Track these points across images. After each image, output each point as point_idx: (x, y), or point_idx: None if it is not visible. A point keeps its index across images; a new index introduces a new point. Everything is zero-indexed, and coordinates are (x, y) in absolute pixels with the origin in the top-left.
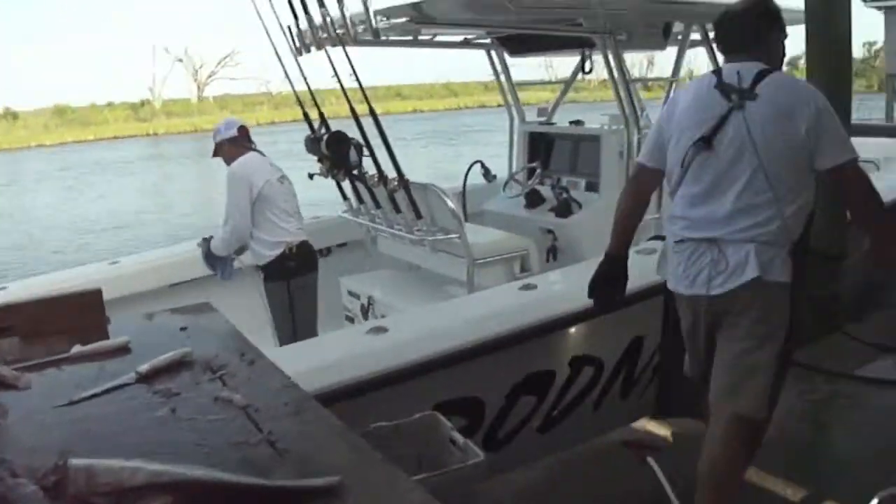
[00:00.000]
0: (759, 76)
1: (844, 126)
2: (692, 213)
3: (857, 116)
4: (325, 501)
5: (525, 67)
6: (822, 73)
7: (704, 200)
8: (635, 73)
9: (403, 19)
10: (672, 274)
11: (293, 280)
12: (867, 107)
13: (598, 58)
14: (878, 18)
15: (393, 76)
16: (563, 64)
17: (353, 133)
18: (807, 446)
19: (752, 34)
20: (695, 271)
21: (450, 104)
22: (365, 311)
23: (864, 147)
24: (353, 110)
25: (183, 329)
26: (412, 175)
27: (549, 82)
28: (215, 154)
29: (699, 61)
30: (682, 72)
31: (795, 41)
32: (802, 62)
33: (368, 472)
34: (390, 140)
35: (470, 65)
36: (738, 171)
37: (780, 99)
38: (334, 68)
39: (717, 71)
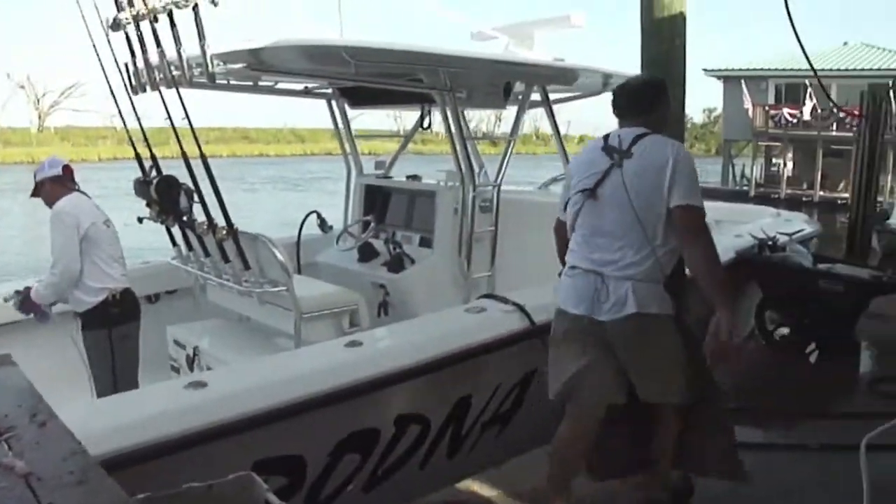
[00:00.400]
0: (636, 139)
1: None
2: (583, 249)
3: None
4: None
5: (373, 116)
6: None
7: (592, 240)
8: (483, 127)
9: (241, 65)
10: (563, 294)
11: (115, 329)
12: (705, 171)
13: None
14: (717, 86)
15: (241, 118)
16: (411, 115)
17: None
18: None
19: (638, 105)
20: (582, 295)
21: (296, 150)
22: (191, 362)
23: None
24: (184, 154)
25: None
26: (259, 220)
27: (391, 134)
28: (35, 193)
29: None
30: (528, 128)
31: None
32: None
33: None
34: (236, 183)
35: (319, 111)
36: (617, 217)
37: (649, 157)
38: (167, 109)
39: (606, 136)
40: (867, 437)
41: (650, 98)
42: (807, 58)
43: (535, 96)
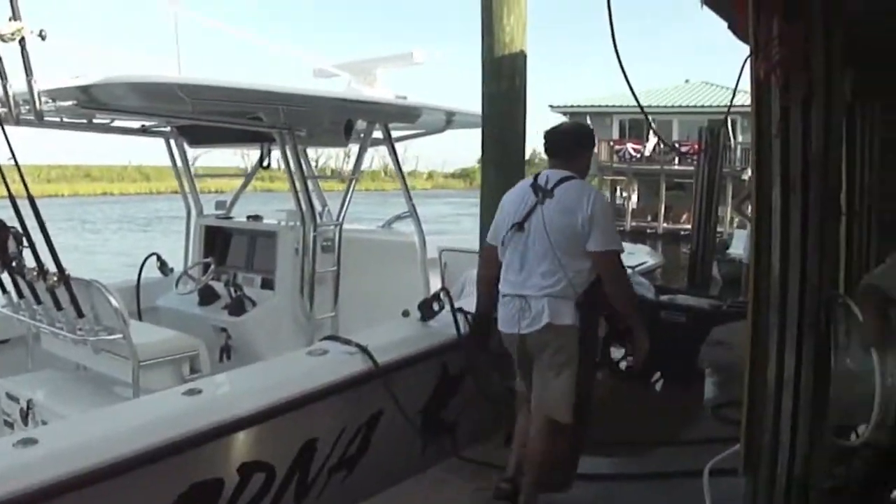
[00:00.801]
0: (559, 181)
1: None
2: (509, 276)
3: None
4: None
5: (222, 153)
6: (497, 172)
7: (517, 268)
8: (332, 163)
9: (70, 102)
10: (500, 318)
11: None
12: None
13: None
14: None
15: (83, 155)
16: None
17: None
18: None
19: (565, 150)
20: (511, 316)
21: (142, 188)
22: (25, 416)
23: None
24: (11, 196)
25: None
26: (104, 262)
27: (234, 174)
28: None
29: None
30: (377, 164)
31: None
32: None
33: None
34: (81, 224)
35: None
36: (537, 248)
37: (567, 200)
38: None
39: (536, 175)
40: (710, 463)
41: (576, 145)
42: (635, 97)
43: (378, 134)
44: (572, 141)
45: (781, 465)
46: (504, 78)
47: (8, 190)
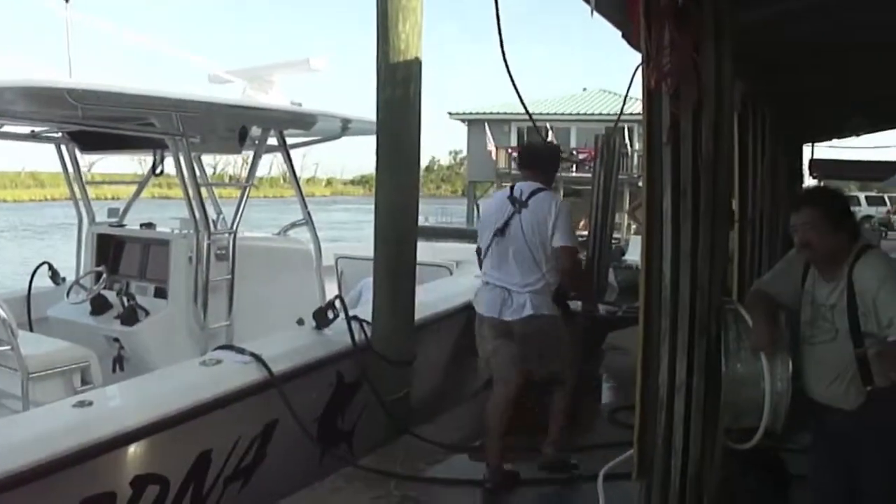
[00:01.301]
0: (532, 193)
1: (416, 229)
2: (492, 272)
3: (442, 220)
4: None
5: (119, 159)
6: (392, 177)
7: (499, 266)
8: (230, 170)
9: None
10: (480, 303)
11: None
12: (451, 211)
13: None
14: (462, 129)
15: None
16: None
17: None
18: None
19: (540, 165)
20: (493, 303)
21: (36, 195)
22: None
23: (442, 252)
24: None
25: None
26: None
27: (129, 181)
28: None
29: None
30: (277, 171)
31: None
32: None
33: None
34: None
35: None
36: (516, 250)
37: (539, 209)
38: None
39: (512, 187)
40: (604, 468)
41: (546, 161)
42: (523, 104)
43: (274, 141)
44: (546, 158)
45: (675, 469)
46: (399, 84)
47: None
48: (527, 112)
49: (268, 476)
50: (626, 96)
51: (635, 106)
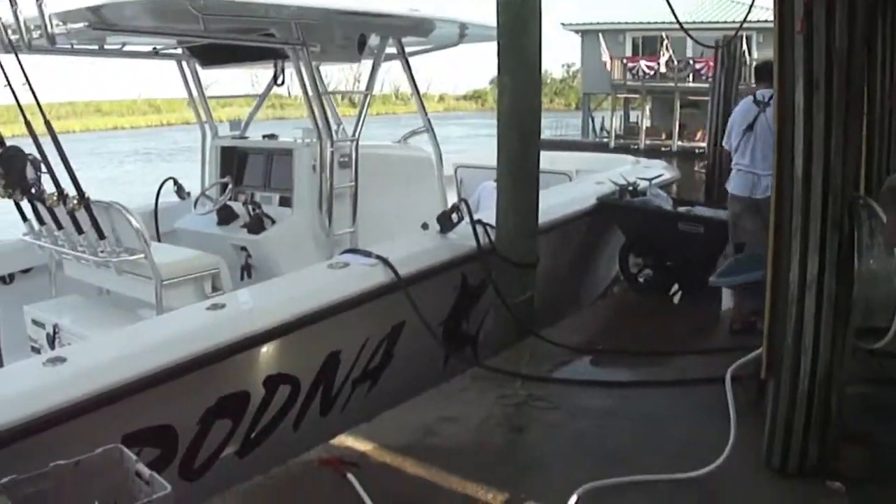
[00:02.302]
0: (771, 97)
1: (539, 132)
2: (743, 161)
3: (557, 133)
4: None
5: (231, 83)
6: (514, 90)
7: (749, 156)
8: (342, 88)
9: (81, 24)
10: (734, 185)
11: None
12: (566, 125)
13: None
14: (575, 41)
15: (93, 91)
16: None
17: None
18: (505, 450)
19: (770, 75)
20: (744, 185)
21: (152, 121)
22: (51, 341)
23: (560, 161)
24: (27, 123)
25: None
26: (136, 192)
27: (248, 96)
28: None
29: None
30: (388, 88)
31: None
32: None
33: None
34: (104, 158)
35: (174, 80)
36: (762, 143)
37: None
38: (6, 77)
39: (754, 93)
40: (732, 367)
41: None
42: (671, 7)
43: (392, 49)
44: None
45: (804, 368)
46: None
47: (23, 115)
48: (676, 20)
49: (395, 378)
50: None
51: (754, 13)
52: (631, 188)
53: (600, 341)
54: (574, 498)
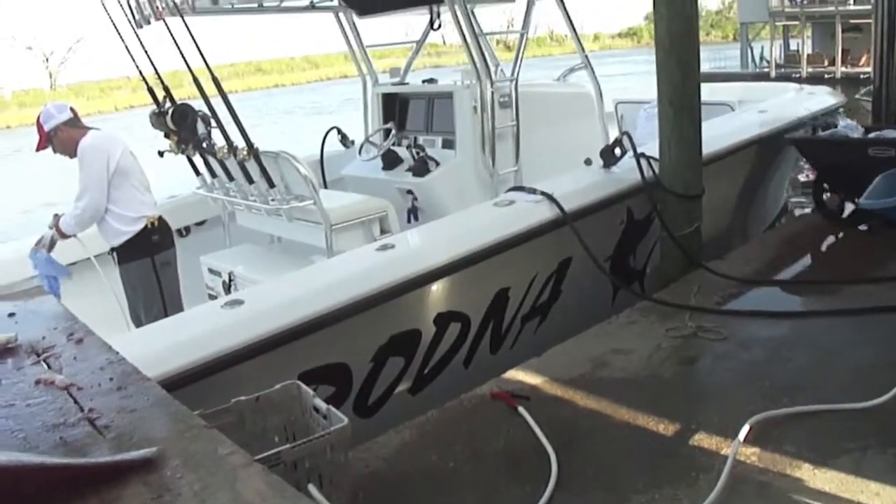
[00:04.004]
0: None
1: (698, 59)
2: None
3: (716, 66)
4: (144, 473)
5: (385, 35)
6: (670, 18)
7: None
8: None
9: None
10: None
11: (157, 255)
12: (724, 56)
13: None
14: None
15: (252, 52)
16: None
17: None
18: (675, 381)
19: None
20: None
21: (311, 76)
22: (227, 288)
23: (721, 91)
24: (196, 81)
25: (11, 315)
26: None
27: (405, 43)
28: (43, 145)
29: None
30: (543, 31)
31: None
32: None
33: (189, 442)
34: (278, 115)
35: (330, 35)
36: None
37: None
38: (173, 37)
39: None
40: None
41: None
42: None
43: None
44: None
45: None
46: None
47: (193, 76)
48: None
49: (563, 313)
50: None
51: None
52: (819, 124)
53: (769, 272)
54: (746, 428)
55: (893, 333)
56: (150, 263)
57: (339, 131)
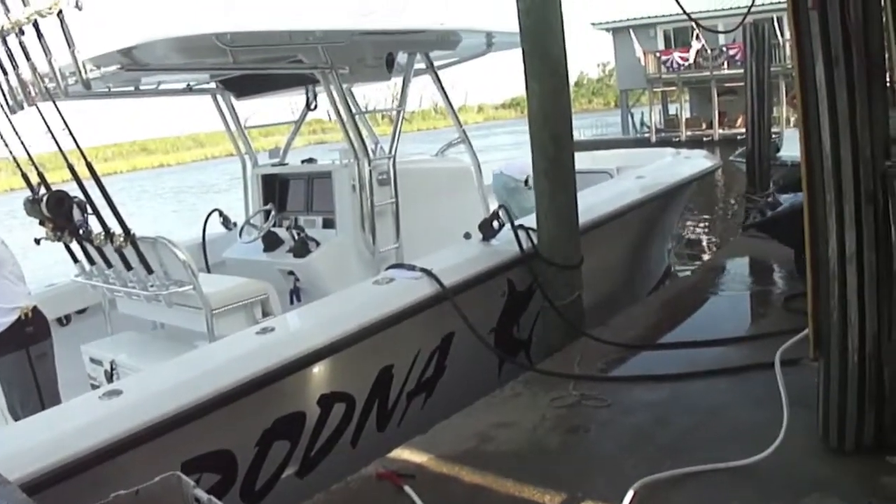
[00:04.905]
0: None
1: (571, 132)
2: None
3: (598, 132)
4: None
5: (270, 110)
6: (542, 94)
7: None
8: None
9: (115, 67)
10: None
11: (32, 347)
12: (605, 123)
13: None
14: (608, 39)
15: (136, 132)
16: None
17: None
18: (560, 451)
19: None
20: None
21: (196, 155)
22: (109, 377)
23: (601, 159)
24: (70, 166)
25: None
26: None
27: (285, 123)
28: None
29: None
30: (427, 104)
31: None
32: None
33: None
34: (168, 196)
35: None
36: None
37: None
38: (47, 124)
39: None
40: (779, 351)
41: None
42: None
43: (421, 65)
44: None
45: (851, 345)
46: None
47: (67, 162)
48: (683, 11)
49: (450, 388)
50: None
51: None
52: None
53: (651, 336)
54: (630, 493)
55: (769, 390)
56: (25, 356)
57: (221, 213)
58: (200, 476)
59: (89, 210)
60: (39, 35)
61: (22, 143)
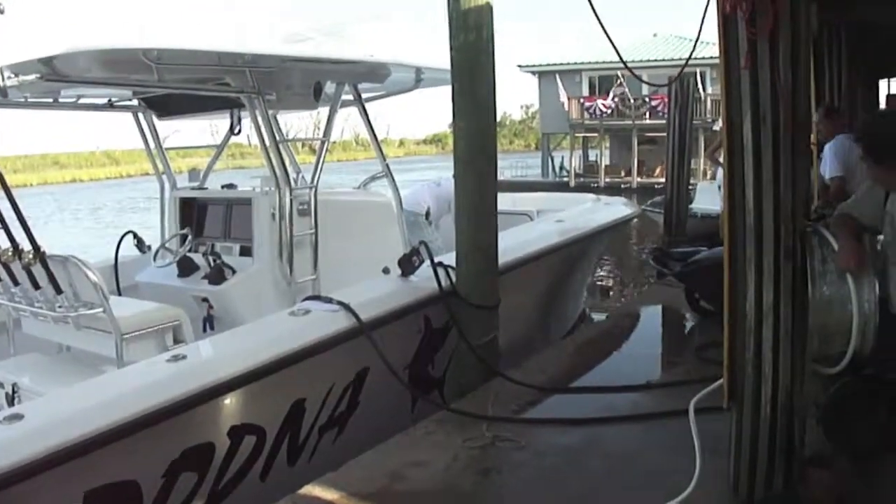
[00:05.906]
0: None
1: (496, 173)
2: None
3: (518, 174)
4: None
5: (191, 133)
6: (469, 133)
7: None
8: (301, 135)
9: (34, 76)
10: None
11: None
12: (525, 164)
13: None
14: (533, 82)
15: (49, 144)
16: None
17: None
18: (472, 492)
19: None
20: None
21: (110, 172)
22: (10, 401)
23: (521, 201)
24: None
25: None
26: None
27: (206, 146)
28: None
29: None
30: (349, 135)
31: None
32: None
33: None
34: (83, 212)
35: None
36: None
37: None
38: None
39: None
40: (694, 399)
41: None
42: (615, 49)
43: (349, 96)
44: None
45: (765, 396)
46: (471, 30)
47: None
48: (619, 58)
49: (362, 424)
50: (700, 31)
51: (705, 50)
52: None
53: (565, 379)
54: None
55: (683, 437)
56: None
57: (136, 235)
58: None
59: None
60: None
61: None
